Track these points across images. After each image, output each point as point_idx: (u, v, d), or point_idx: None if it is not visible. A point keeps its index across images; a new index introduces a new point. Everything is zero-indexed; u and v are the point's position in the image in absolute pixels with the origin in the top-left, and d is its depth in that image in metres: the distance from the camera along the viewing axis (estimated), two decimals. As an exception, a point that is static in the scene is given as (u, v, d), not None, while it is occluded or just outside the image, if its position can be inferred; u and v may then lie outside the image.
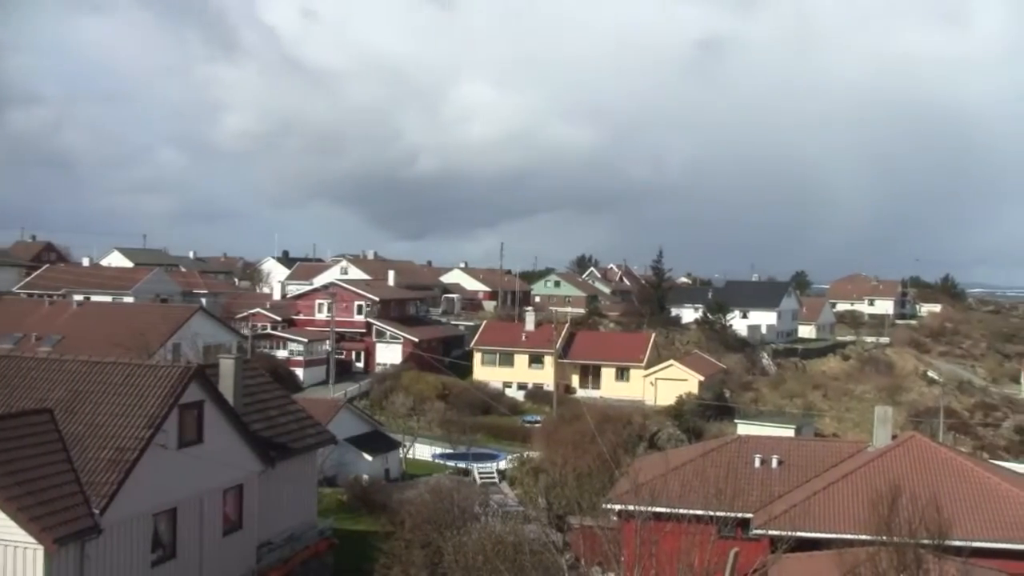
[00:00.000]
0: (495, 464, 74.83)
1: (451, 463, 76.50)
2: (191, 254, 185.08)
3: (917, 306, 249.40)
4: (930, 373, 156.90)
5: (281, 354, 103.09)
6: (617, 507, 40.08)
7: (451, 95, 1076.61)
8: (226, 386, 38.69)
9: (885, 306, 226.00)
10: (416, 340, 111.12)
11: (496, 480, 71.26)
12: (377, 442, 71.02)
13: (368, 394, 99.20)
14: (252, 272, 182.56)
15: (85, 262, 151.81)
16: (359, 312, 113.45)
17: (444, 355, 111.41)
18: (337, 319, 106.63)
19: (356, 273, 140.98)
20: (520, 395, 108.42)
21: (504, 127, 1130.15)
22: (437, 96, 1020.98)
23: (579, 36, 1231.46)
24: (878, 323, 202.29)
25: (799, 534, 36.36)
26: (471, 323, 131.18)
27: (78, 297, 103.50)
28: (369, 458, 67.56)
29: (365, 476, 64.30)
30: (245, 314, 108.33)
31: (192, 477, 34.89)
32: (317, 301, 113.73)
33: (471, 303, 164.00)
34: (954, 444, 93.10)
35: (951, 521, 34.25)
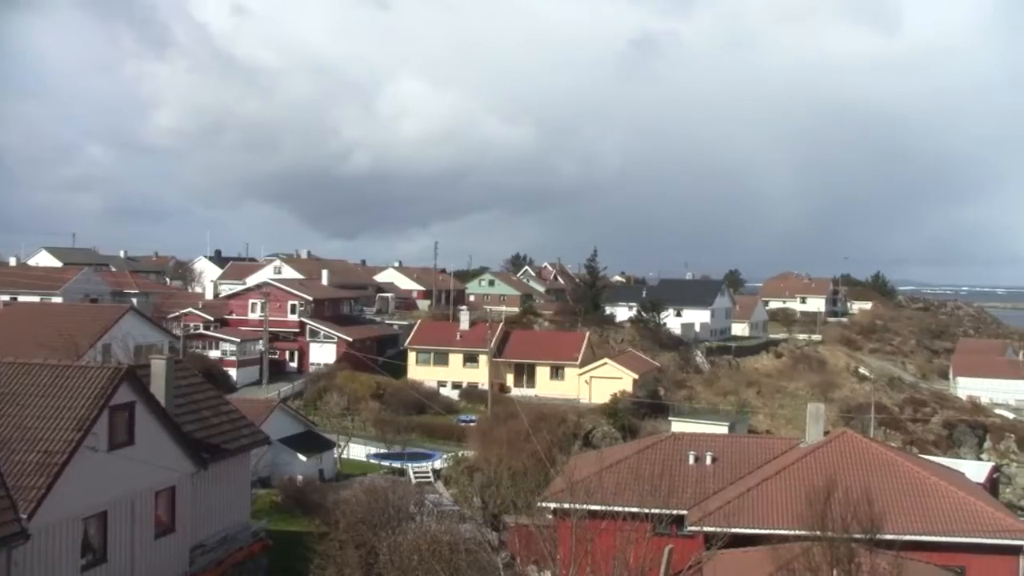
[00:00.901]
0: (430, 463, 74.70)
1: (386, 463, 76.20)
2: (122, 253, 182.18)
3: (848, 304, 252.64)
4: (861, 370, 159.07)
5: (214, 354, 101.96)
6: (552, 505, 40.22)
7: (386, 92, 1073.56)
8: (158, 387, 38.21)
9: (817, 304, 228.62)
10: (350, 340, 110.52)
11: (431, 480, 71.17)
12: (311, 442, 70.56)
13: (302, 394, 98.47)
14: (184, 271, 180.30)
15: (12, 261, 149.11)
16: (293, 312, 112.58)
17: (378, 355, 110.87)
18: (271, 319, 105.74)
19: (290, 272, 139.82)
20: (455, 394, 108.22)
21: (439, 125, 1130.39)
22: (372, 93, 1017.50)
23: (515, 34, 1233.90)
24: (810, 321, 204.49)
25: (733, 530, 36.67)
26: (405, 322, 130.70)
27: (4, 297, 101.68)
28: (303, 458, 67.11)
29: (299, 477, 63.84)
30: (177, 314, 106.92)
31: (123, 479, 34.41)
32: (250, 301, 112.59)
33: (405, 302, 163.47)
34: (885, 440, 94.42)
35: (883, 515, 34.72)
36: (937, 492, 43.77)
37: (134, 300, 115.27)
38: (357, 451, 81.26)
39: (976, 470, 62.77)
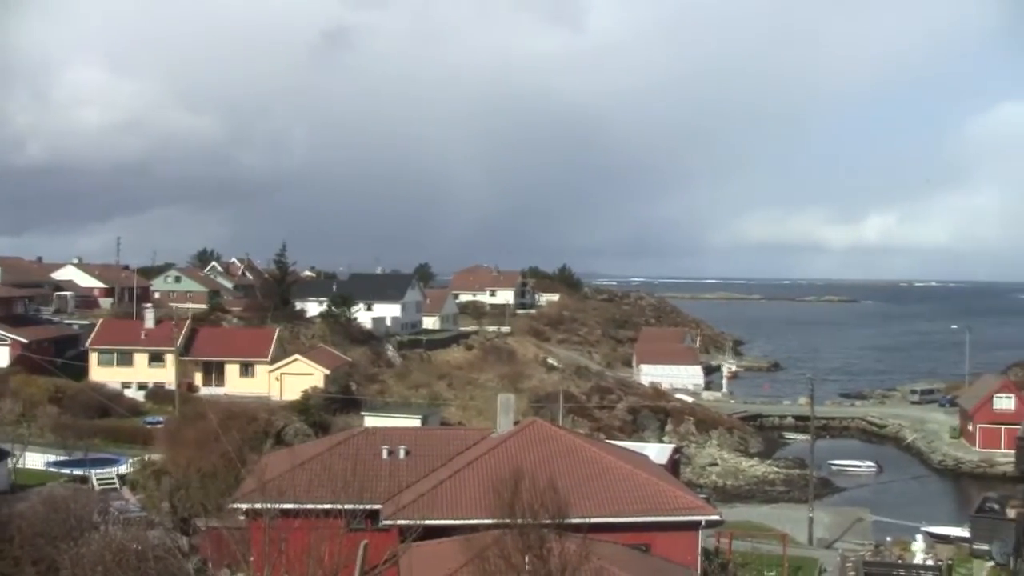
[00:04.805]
0: (115, 469, 71.93)
1: (67, 471, 72.71)
2: None
3: (536, 296, 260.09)
4: (550, 360, 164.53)
5: None
6: (244, 506, 39.53)
7: (63, 79, 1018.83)
8: None
9: (506, 296, 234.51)
10: (25, 341, 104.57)
11: (117, 486, 68.58)
12: (-18, 453, 66.48)
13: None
14: None
15: None
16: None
17: (57, 356, 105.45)
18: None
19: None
20: (141, 395, 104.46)
21: (122, 114, 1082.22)
22: (46, 80, 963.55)
23: (204, 21, 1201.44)
24: (499, 313, 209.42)
25: (427, 522, 37.19)
26: (86, 322, 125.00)
27: None
28: (-29, 471, 63.13)
29: (-33, 491, 60.04)
30: None
31: None
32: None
33: (86, 301, 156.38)
34: (573, 427, 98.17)
35: (570, 500, 36.00)
36: (622, 475, 45.94)
37: None
38: (34, 460, 76.81)
39: (659, 452, 66.20)
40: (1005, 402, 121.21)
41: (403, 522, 38.01)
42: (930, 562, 58.27)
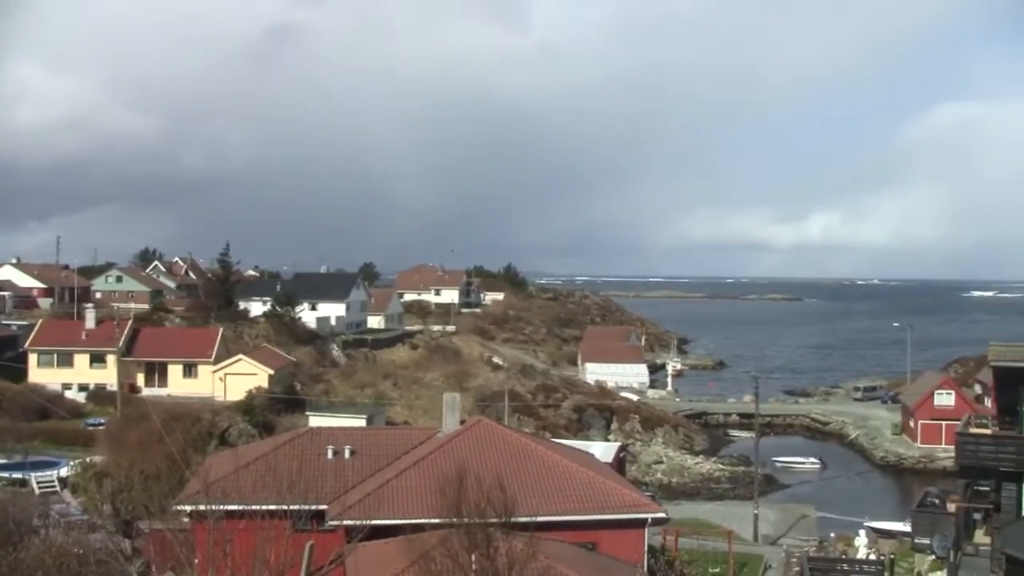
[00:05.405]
0: (56, 472, 70.91)
1: (5, 474, 71.56)
2: None
3: (482, 295, 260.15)
4: (495, 359, 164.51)
5: None
6: (188, 508, 39.09)
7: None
8: None
9: (451, 295, 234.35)
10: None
11: (57, 489, 67.65)
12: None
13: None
14: None
15: None
16: None
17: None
18: None
19: None
20: (82, 397, 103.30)
21: (60, 112, 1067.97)
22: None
23: (144, 17, 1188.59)
24: (445, 312, 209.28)
25: (373, 522, 36.91)
26: (25, 322, 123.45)
27: None
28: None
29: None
30: None
31: None
32: None
33: (25, 301, 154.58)
34: (519, 426, 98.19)
35: (516, 499, 35.93)
36: (568, 473, 45.96)
37: None
38: (-30, 464, 75.90)
39: (604, 451, 66.22)
40: (946, 398, 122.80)
41: (349, 522, 37.77)
42: (872, 557, 58.79)
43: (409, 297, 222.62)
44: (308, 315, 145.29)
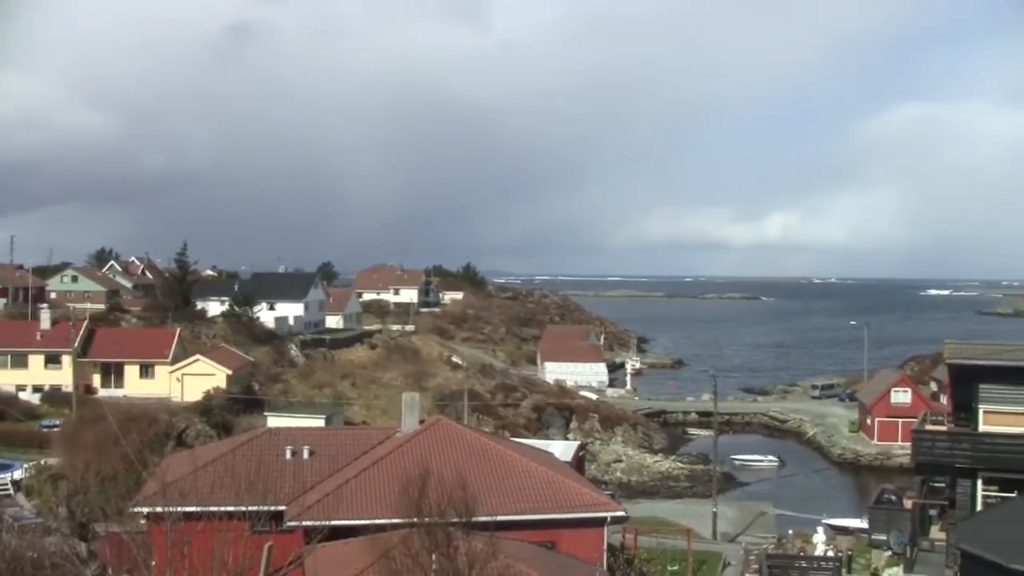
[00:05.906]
0: (9, 475, 70.24)
1: (-42, 477, 70.91)
2: None
3: (441, 294, 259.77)
4: (454, 358, 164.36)
5: None
6: (145, 510, 38.75)
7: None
8: None
9: (410, 295, 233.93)
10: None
11: (11, 492, 67.05)
12: None
13: None
14: None
15: None
16: None
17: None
18: None
19: None
20: (36, 398, 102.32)
21: (13, 109, 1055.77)
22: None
23: (102, 14, 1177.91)
24: (404, 311, 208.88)
25: (332, 523, 36.75)
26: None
27: None
28: None
29: None
30: None
31: None
32: None
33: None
34: (478, 425, 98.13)
35: (476, 498, 35.89)
36: (528, 473, 46.00)
37: None
38: (-79, 469, 75.03)
39: (564, 449, 66.29)
40: (902, 396, 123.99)
41: (308, 523, 37.62)
42: (830, 553, 59.32)
43: (368, 297, 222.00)
44: (266, 315, 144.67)
